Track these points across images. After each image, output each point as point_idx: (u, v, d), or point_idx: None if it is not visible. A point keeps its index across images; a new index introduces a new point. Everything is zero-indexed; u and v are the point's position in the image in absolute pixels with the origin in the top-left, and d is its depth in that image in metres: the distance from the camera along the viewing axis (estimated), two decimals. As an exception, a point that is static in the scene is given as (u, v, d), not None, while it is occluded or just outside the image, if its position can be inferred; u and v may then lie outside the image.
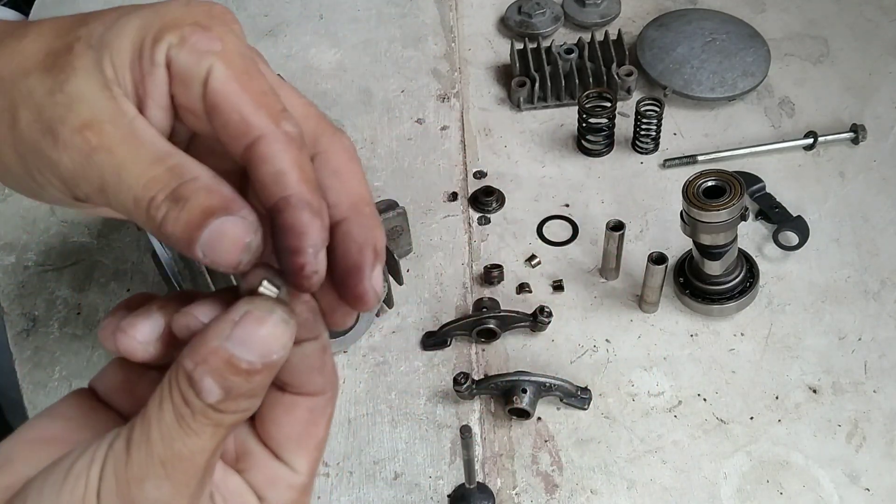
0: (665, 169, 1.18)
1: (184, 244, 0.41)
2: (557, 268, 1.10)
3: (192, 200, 0.41)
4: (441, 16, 1.40)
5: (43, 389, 1.03)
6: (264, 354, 0.40)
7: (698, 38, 1.27)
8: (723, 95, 1.23)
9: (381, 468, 0.95)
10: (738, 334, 1.03)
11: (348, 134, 0.50)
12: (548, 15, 1.35)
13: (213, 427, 0.40)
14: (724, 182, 0.94)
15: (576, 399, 0.97)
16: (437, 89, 1.30)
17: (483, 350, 1.03)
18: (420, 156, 1.22)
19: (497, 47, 1.36)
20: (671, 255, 1.04)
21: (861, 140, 1.18)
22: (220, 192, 0.41)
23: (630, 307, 1.06)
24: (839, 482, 0.91)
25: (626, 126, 1.21)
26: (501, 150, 1.23)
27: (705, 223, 0.95)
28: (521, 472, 0.94)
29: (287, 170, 0.42)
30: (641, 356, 1.02)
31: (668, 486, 0.92)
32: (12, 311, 1.10)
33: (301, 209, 0.42)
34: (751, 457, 0.93)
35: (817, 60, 1.30)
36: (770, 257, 1.09)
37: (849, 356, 1.00)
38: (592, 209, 1.15)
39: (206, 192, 0.41)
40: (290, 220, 0.42)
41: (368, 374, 1.02)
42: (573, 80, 1.26)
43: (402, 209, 1.06)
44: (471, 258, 1.11)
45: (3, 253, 1.16)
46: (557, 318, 1.03)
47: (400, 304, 1.07)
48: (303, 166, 0.43)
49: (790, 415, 0.96)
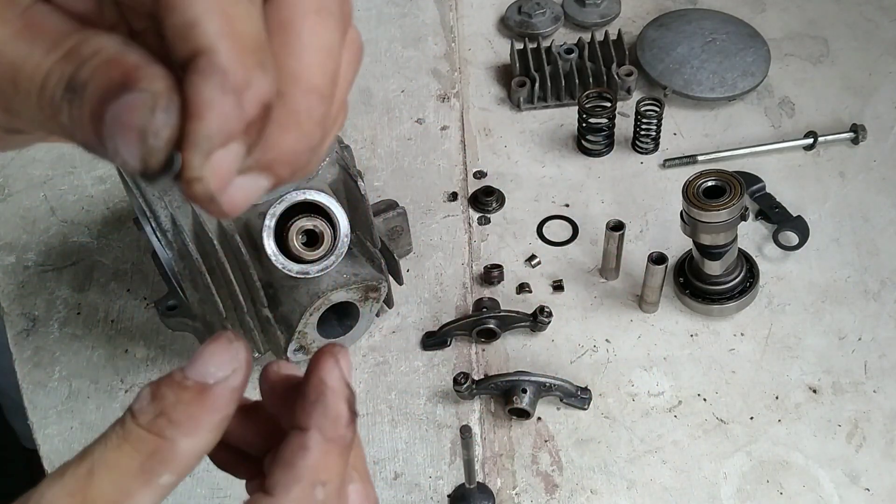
0: (665, 169, 1.18)
1: (97, 146, 0.31)
2: (557, 268, 1.10)
3: (90, 84, 0.30)
4: (441, 16, 1.40)
5: (43, 389, 1.03)
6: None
7: (698, 38, 1.27)
8: (723, 95, 1.23)
9: (381, 468, 0.95)
10: (738, 334, 1.03)
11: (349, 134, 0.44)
12: (548, 15, 1.35)
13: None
14: (724, 182, 0.94)
15: (576, 399, 0.97)
16: (437, 89, 1.30)
17: (483, 350, 1.03)
18: (420, 156, 1.22)
19: (497, 47, 1.36)
20: (671, 255, 1.04)
21: (861, 140, 1.18)
22: (122, 61, 0.30)
23: (630, 307, 1.06)
24: (839, 482, 0.91)
25: (626, 126, 1.21)
26: (501, 150, 1.23)
27: (705, 223, 0.95)
28: (521, 472, 0.94)
29: (200, 15, 0.29)
30: (641, 356, 1.02)
31: (668, 486, 0.92)
32: (12, 311, 1.10)
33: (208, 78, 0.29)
34: (751, 457, 0.93)
35: (817, 60, 1.30)
36: (770, 257, 1.09)
37: (849, 356, 1.00)
38: (592, 209, 1.15)
39: (105, 67, 0.30)
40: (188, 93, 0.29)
41: (368, 374, 1.02)
42: (573, 80, 1.26)
43: (402, 209, 1.06)
44: (471, 258, 1.11)
45: (3, 253, 1.16)
46: (557, 318, 1.03)
47: (400, 304, 1.07)
48: (229, 10, 0.30)
49: (790, 415, 0.96)
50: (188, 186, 0.31)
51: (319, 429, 0.40)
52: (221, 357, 0.39)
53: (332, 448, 0.41)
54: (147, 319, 1.08)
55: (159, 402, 0.38)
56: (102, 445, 0.38)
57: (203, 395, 0.38)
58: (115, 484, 0.38)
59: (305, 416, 0.41)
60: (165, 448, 0.38)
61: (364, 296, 0.96)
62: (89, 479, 0.38)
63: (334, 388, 0.41)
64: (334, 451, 0.41)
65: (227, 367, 0.39)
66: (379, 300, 0.98)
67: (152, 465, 0.38)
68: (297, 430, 0.41)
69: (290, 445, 0.40)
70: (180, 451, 0.38)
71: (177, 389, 0.38)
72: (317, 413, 0.41)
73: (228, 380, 0.38)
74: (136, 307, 1.09)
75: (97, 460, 0.38)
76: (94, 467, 0.38)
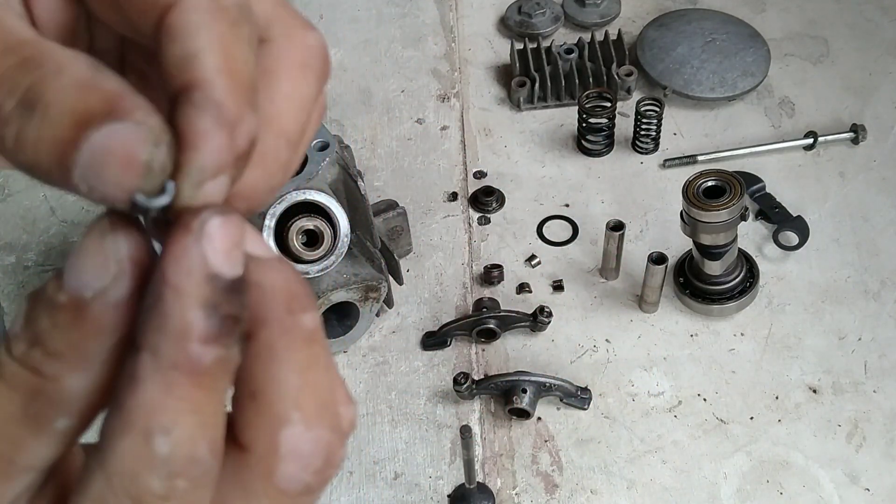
0: (665, 169, 1.18)
1: (54, 172, 0.27)
2: (557, 268, 1.10)
3: (54, 104, 0.27)
4: (441, 16, 1.40)
5: (43, 389, 1.03)
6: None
7: (698, 38, 1.27)
8: (723, 95, 1.23)
9: (381, 468, 0.95)
10: (738, 334, 1.03)
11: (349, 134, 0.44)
12: (548, 15, 1.35)
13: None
14: (724, 182, 0.94)
15: (576, 399, 0.97)
16: (437, 89, 1.30)
17: (483, 350, 1.03)
18: (420, 156, 1.22)
19: (497, 47, 1.36)
20: (671, 255, 1.04)
21: (861, 140, 1.18)
22: (100, 86, 0.27)
23: (630, 307, 1.06)
24: (839, 482, 0.91)
25: (626, 126, 1.21)
26: (501, 150, 1.23)
27: (705, 223, 0.95)
28: (521, 472, 0.94)
29: (201, 50, 0.29)
30: (641, 356, 1.02)
31: (668, 486, 0.92)
32: (12, 311, 1.10)
33: (203, 110, 0.28)
34: (751, 457, 0.93)
35: (817, 60, 1.30)
36: (770, 257, 1.09)
37: (849, 356, 1.00)
38: (592, 209, 1.15)
39: (77, 88, 0.27)
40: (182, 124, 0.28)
41: (368, 374, 1.02)
42: (573, 80, 1.26)
43: (402, 209, 1.06)
44: (471, 258, 1.11)
45: (3, 253, 1.16)
46: (557, 318, 1.03)
47: (400, 304, 1.07)
48: (229, 49, 0.29)
49: (790, 415, 0.96)
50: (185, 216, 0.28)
51: (153, 350, 0.28)
52: (95, 259, 0.29)
53: (178, 378, 0.28)
54: (147, 319, 1.08)
55: (31, 326, 0.29)
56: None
57: (81, 316, 0.28)
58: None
59: (140, 332, 0.28)
60: (49, 387, 0.29)
61: (364, 296, 0.96)
62: None
63: (178, 287, 0.28)
64: (183, 383, 0.28)
65: (104, 272, 0.29)
66: (379, 300, 0.98)
67: (38, 409, 0.29)
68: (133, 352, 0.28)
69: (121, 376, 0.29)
70: (69, 389, 0.29)
71: (49, 309, 0.28)
72: (151, 327, 0.28)
73: (108, 291, 0.29)
74: (136, 307, 1.09)
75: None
76: None
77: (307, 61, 0.34)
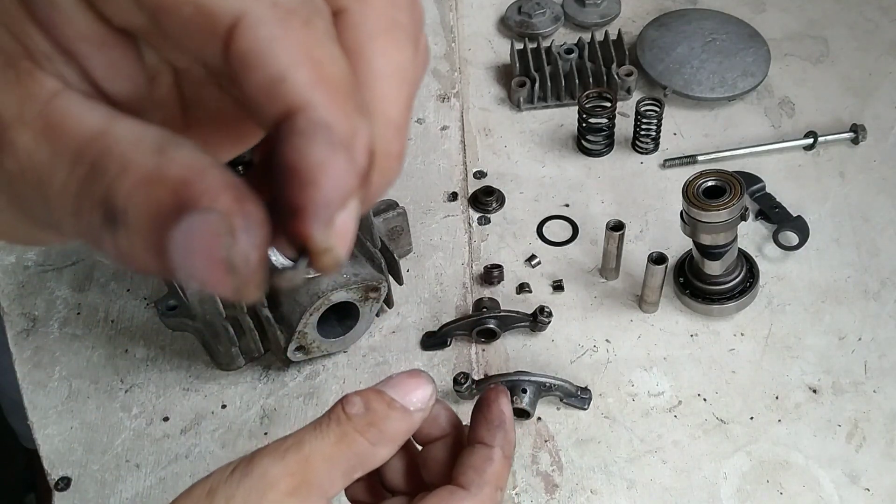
0: (665, 169, 1.18)
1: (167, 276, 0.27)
2: (557, 268, 1.10)
3: (131, 212, 0.25)
4: (441, 16, 1.40)
5: (43, 389, 1.03)
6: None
7: (698, 38, 1.27)
8: (723, 95, 1.23)
9: (381, 468, 0.95)
10: (738, 334, 1.03)
11: None
12: (548, 15, 1.35)
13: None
14: (724, 182, 0.94)
15: (576, 399, 0.97)
16: (437, 89, 1.30)
17: (483, 350, 1.03)
18: (420, 156, 1.22)
19: (497, 47, 1.36)
20: (671, 255, 1.04)
21: (861, 140, 1.18)
22: (166, 174, 0.25)
23: (630, 307, 1.06)
24: (839, 482, 0.91)
25: (626, 126, 1.21)
26: (501, 150, 1.23)
27: (705, 223, 0.95)
28: (521, 472, 0.94)
29: (286, 69, 0.25)
30: (641, 356, 1.02)
31: (668, 486, 0.92)
32: (12, 311, 1.10)
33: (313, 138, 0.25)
34: (751, 457, 0.93)
35: (817, 60, 1.30)
36: (770, 257, 1.09)
37: (849, 356, 1.00)
38: (592, 209, 1.15)
39: (145, 186, 0.25)
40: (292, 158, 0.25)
41: (368, 374, 1.02)
42: (573, 80, 1.26)
43: (402, 209, 1.06)
44: (471, 258, 1.11)
45: (3, 253, 1.16)
46: (557, 318, 1.03)
47: (400, 304, 1.07)
48: (314, 55, 0.25)
49: (790, 415, 0.96)
50: (317, 261, 0.26)
51: (501, 447, 0.52)
52: (424, 392, 0.48)
53: (507, 463, 0.52)
54: (147, 319, 1.08)
55: (372, 413, 0.46)
56: (318, 437, 0.45)
57: (408, 418, 0.47)
58: (327, 474, 0.44)
59: (491, 436, 0.52)
60: (370, 453, 0.46)
61: (364, 296, 0.96)
62: (307, 464, 0.44)
63: (510, 420, 0.54)
64: (508, 466, 0.52)
65: (427, 402, 0.48)
66: (379, 300, 0.98)
67: (356, 465, 0.45)
68: (482, 445, 0.51)
69: (479, 455, 0.51)
70: (378, 457, 0.46)
71: (386, 407, 0.46)
72: (500, 435, 0.52)
73: (422, 411, 0.48)
74: (136, 307, 1.09)
75: (314, 450, 0.44)
76: (311, 455, 0.44)
77: (393, 20, 0.29)
